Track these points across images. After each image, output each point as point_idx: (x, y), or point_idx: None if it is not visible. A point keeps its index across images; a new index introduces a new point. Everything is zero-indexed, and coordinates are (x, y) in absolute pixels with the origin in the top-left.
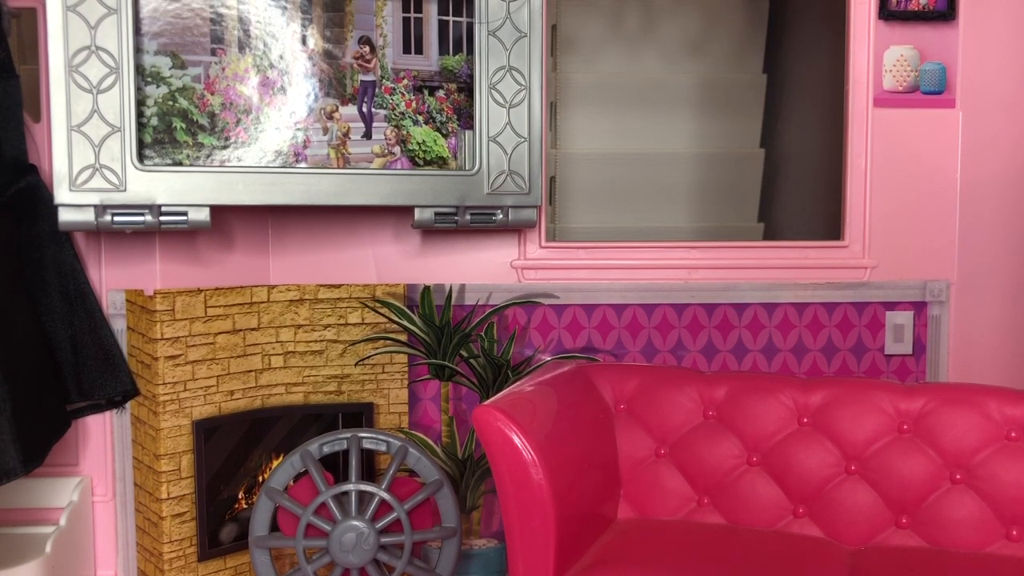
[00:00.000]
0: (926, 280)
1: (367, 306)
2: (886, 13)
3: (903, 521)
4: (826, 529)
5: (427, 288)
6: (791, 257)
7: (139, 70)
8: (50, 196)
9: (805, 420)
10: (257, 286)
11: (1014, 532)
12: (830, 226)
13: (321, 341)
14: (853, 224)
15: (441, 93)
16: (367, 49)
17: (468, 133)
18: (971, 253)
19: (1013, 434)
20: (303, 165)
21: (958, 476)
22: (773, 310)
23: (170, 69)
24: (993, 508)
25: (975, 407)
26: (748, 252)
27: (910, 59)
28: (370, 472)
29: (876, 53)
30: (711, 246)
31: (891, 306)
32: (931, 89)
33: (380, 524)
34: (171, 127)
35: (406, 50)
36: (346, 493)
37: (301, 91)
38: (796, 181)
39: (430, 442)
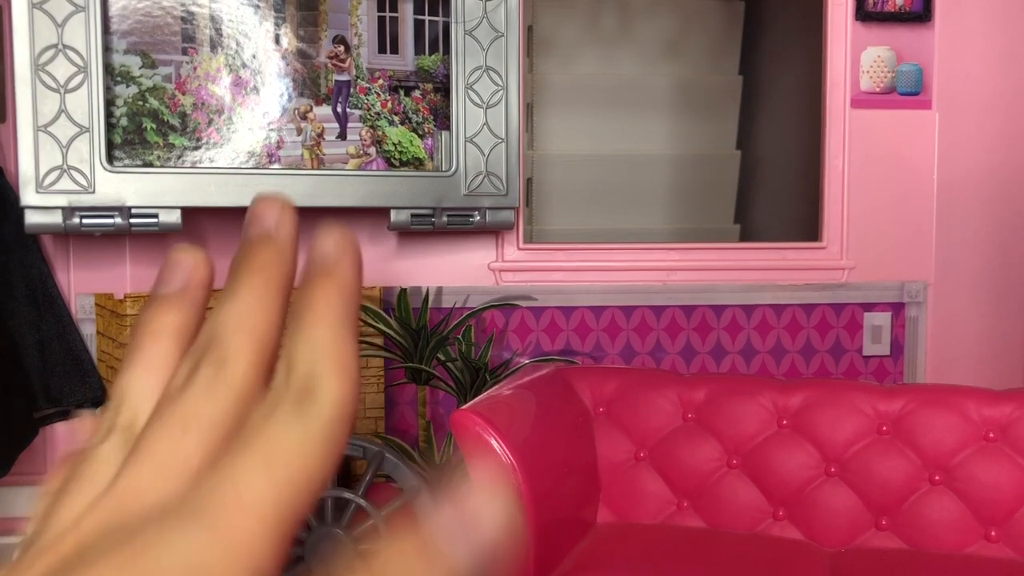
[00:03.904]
0: (904, 281)
1: None
2: (863, 14)
3: (883, 523)
4: (806, 531)
5: (403, 291)
6: (769, 258)
7: (108, 69)
8: (16, 198)
9: (784, 422)
10: None
11: (993, 533)
12: (807, 228)
13: None
14: (831, 225)
15: (417, 93)
16: (341, 48)
17: (445, 134)
18: (948, 254)
19: (991, 435)
20: (276, 166)
21: (937, 477)
22: (751, 312)
23: (140, 68)
24: (972, 509)
25: (953, 408)
26: (726, 253)
27: (887, 60)
28: (346, 478)
29: (853, 54)
30: (689, 247)
31: (869, 307)
32: (908, 90)
33: (357, 531)
34: (141, 127)
35: (381, 50)
36: (322, 500)
37: (274, 91)
38: (773, 183)
39: (407, 447)
